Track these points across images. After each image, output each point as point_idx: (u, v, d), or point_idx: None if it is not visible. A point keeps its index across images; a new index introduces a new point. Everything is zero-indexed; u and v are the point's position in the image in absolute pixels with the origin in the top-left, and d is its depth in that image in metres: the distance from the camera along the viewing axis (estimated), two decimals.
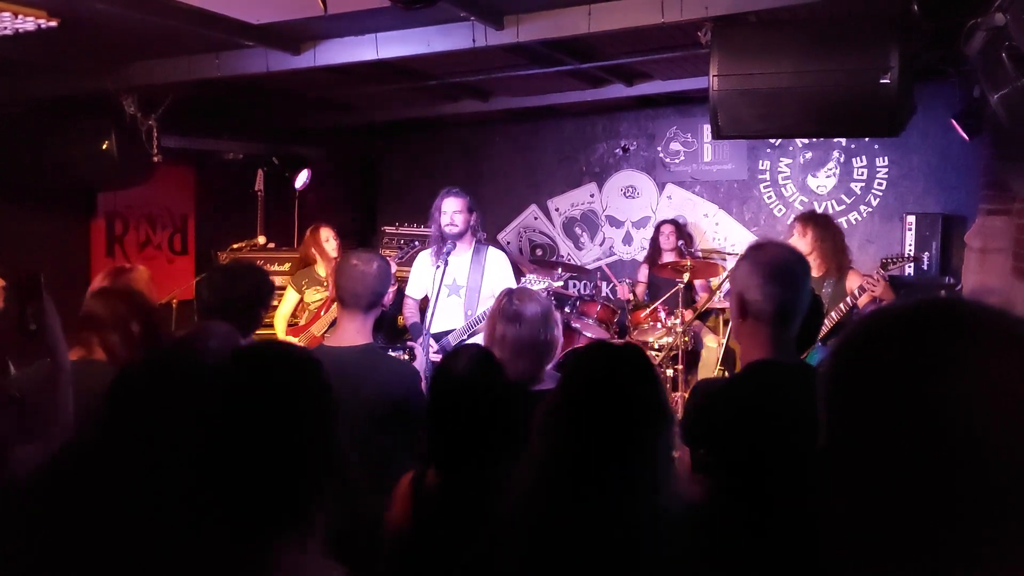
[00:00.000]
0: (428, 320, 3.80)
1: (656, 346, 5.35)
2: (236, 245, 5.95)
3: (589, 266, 7.09)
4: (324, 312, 4.81)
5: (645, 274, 6.17)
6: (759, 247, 2.02)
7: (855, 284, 4.09)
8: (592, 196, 7.25)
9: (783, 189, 6.44)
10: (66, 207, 5.95)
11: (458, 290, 4.10)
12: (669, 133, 6.85)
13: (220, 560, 1.12)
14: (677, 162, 6.84)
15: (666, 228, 6.13)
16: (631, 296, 6.02)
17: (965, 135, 4.50)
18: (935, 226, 5.63)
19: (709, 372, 5.36)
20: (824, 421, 0.78)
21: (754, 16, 3.46)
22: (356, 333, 2.64)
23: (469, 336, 3.99)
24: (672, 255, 5.94)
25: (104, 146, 4.96)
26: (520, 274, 4.59)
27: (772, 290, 1.89)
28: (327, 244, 5.06)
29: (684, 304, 5.42)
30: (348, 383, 2.38)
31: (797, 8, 3.33)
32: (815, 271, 4.13)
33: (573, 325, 5.62)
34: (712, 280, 5.89)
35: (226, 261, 5.73)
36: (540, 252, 7.47)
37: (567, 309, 5.78)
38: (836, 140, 6.13)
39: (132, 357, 2.22)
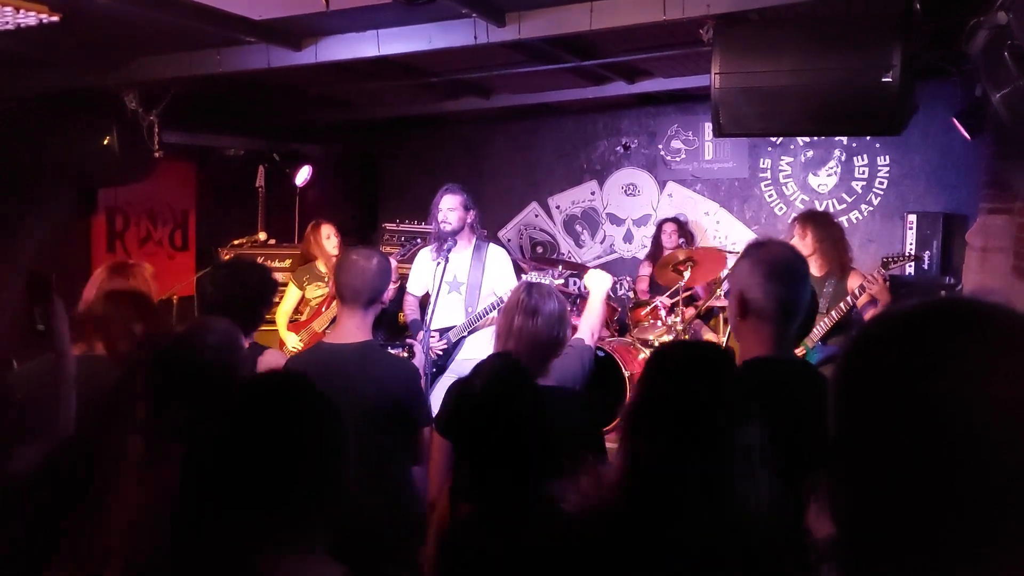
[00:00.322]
0: (429, 317, 3.81)
1: (656, 344, 5.36)
2: (237, 241, 5.96)
3: (590, 264, 7.08)
4: (326, 308, 4.82)
5: (647, 272, 6.18)
6: (759, 245, 2.01)
7: (856, 284, 4.08)
8: (593, 194, 7.25)
9: (784, 188, 6.43)
10: (67, 203, 5.94)
11: (459, 287, 4.10)
12: (670, 131, 6.84)
13: (220, 560, 1.13)
14: (678, 160, 6.83)
15: (668, 226, 6.15)
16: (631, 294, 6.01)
17: (966, 134, 4.48)
18: (936, 225, 5.63)
19: None
20: (833, 422, 0.78)
21: (756, 14, 3.45)
22: (356, 330, 2.64)
23: (469, 332, 4.00)
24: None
25: (105, 142, 4.96)
26: (520, 271, 4.59)
27: (773, 288, 1.89)
28: (328, 241, 5.06)
29: (684, 302, 5.42)
30: (347, 380, 2.39)
31: (799, 6, 3.32)
32: (817, 271, 4.12)
33: (573, 323, 5.60)
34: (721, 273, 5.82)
35: (228, 257, 5.73)
36: (541, 249, 7.46)
37: (568, 307, 5.77)
38: (837, 139, 6.12)
39: (133, 354, 2.22)
